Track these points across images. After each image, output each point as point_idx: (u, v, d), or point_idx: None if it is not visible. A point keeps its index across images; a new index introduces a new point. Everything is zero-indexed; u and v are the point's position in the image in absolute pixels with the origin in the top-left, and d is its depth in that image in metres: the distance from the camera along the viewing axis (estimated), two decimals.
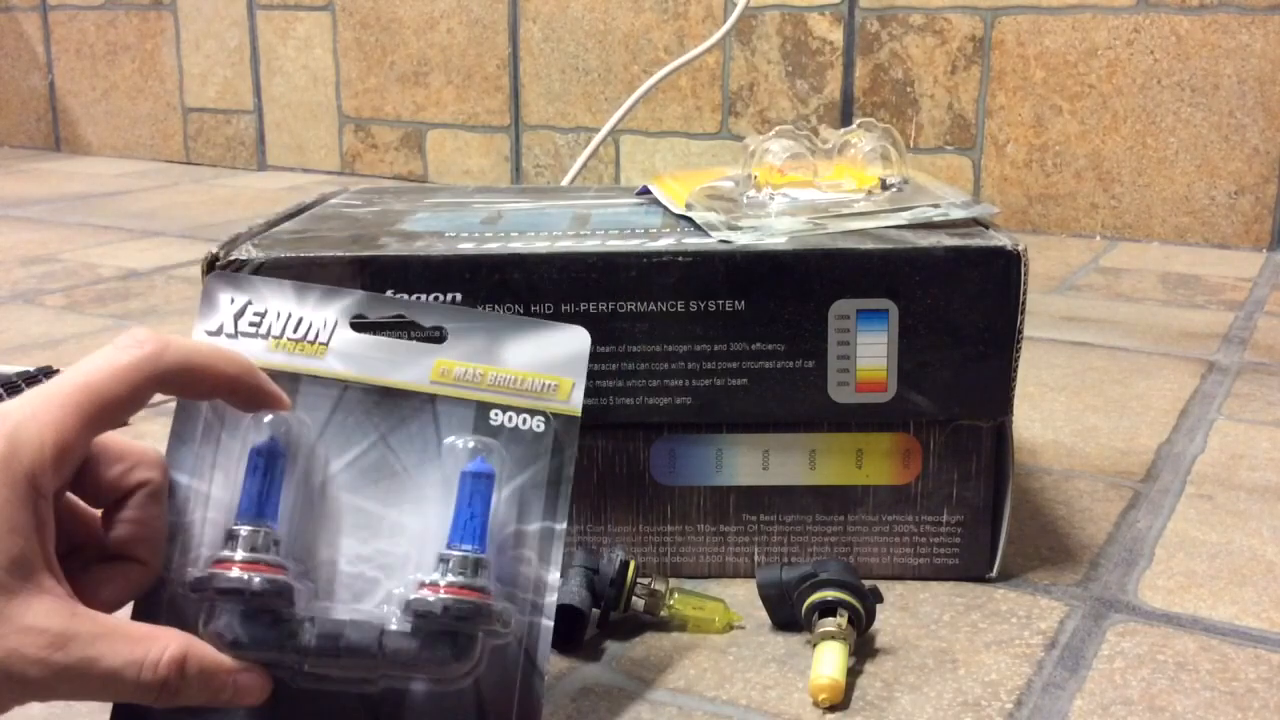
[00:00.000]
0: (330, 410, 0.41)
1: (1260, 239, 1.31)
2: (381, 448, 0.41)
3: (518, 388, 0.42)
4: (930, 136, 1.43)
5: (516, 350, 0.42)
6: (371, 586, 0.40)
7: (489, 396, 0.42)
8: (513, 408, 0.42)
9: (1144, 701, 0.45)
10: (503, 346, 0.42)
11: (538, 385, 0.42)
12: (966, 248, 0.50)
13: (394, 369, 0.42)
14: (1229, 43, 1.27)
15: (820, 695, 0.45)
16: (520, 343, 0.42)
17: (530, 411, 0.42)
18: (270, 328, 0.42)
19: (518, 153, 1.70)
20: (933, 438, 0.53)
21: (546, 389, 0.42)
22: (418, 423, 0.41)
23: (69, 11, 2.05)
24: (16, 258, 1.26)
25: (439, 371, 0.42)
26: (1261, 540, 0.59)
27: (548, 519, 0.41)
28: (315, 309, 0.42)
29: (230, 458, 0.40)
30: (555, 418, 0.42)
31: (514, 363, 0.42)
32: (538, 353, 0.42)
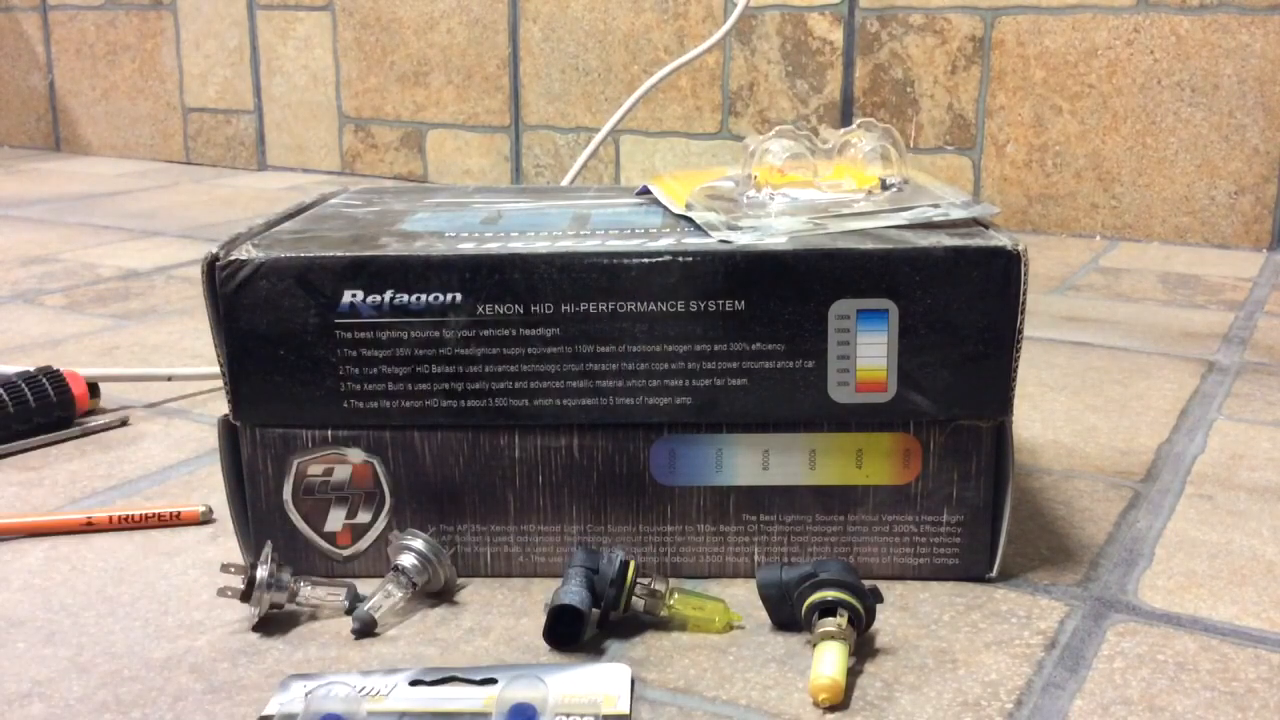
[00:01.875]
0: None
1: (1260, 239, 1.31)
2: None
3: (568, 703, 0.44)
4: (930, 136, 1.43)
5: (563, 681, 0.45)
6: None
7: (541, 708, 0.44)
8: (564, 710, 0.44)
9: (1144, 701, 0.45)
10: (550, 679, 0.45)
11: (586, 700, 0.44)
12: (966, 248, 0.50)
13: (450, 701, 0.44)
14: (1229, 43, 1.27)
15: (820, 695, 0.45)
16: (565, 677, 0.45)
17: (580, 714, 0.43)
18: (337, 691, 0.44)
19: (518, 153, 1.70)
20: (933, 438, 0.53)
21: (594, 701, 0.44)
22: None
23: (69, 11, 2.05)
24: (16, 258, 1.26)
25: (490, 700, 0.45)
26: (1261, 540, 0.59)
27: None
28: (380, 679, 0.46)
29: None
30: (606, 718, 0.43)
31: (562, 689, 0.45)
32: (582, 683, 0.45)
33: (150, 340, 0.94)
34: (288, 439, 0.53)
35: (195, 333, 0.96)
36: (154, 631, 0.50)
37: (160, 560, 0.57)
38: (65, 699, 0.45)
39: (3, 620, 0.51)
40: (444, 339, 0.51)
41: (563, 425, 0.52)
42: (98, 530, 0.60)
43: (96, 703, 0.45)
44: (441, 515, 0.54)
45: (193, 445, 0.72)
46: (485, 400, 0.52)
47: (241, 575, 0.50)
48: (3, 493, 0.65)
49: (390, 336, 0.51)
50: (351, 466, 0.53)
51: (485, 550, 0.54)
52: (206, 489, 0.66)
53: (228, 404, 0.53)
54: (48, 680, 0.46)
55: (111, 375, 0.80)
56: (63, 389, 0.74)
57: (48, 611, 0.52)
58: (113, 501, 0.64)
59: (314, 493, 0.53)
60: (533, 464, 0.53)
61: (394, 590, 0.51)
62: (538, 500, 0.53)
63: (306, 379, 0.52)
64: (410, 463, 0.53)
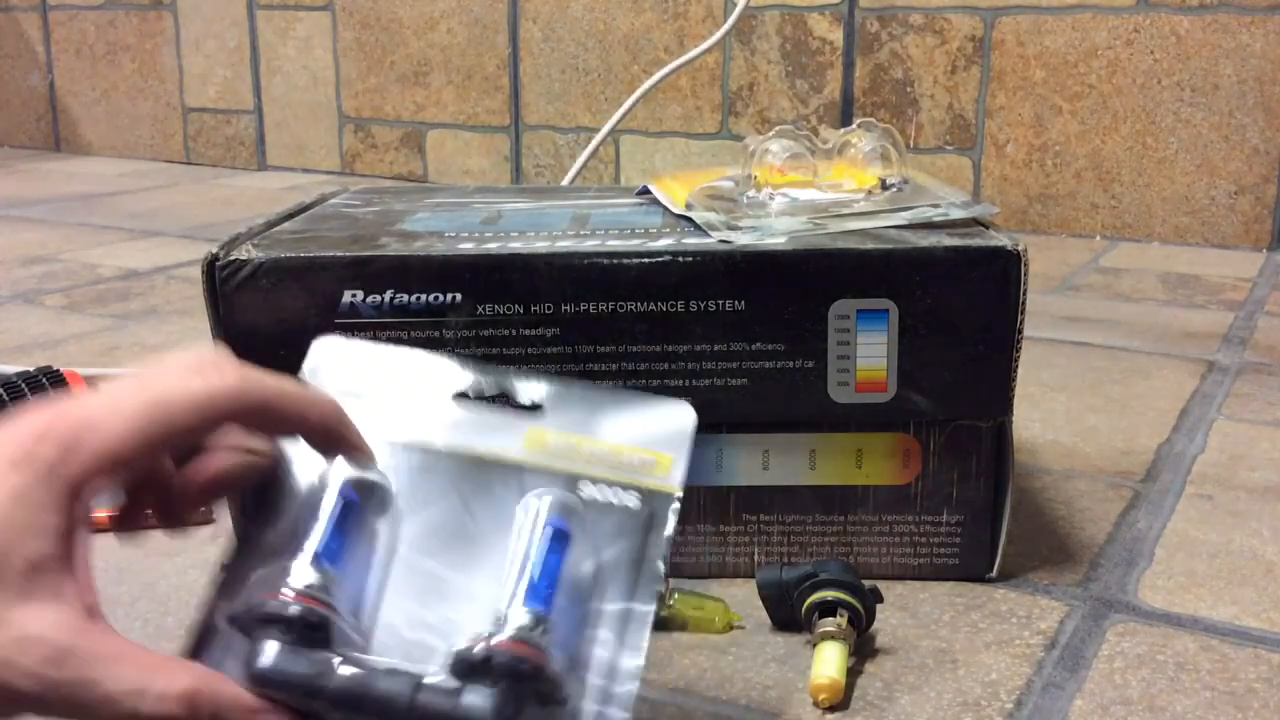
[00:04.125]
0: (414, 470, 0.39)
1: (1260, 239, 1.31)
2: (461, 512, 0.39)
3: (613, 461, 0.39)
4: (930, 136, 1.43)
5: (615, 424, 0.40)
6: (429, 654, 0.36)
7: (581, 469, 0.39)
8: (605, 480, 0.39)
9: (1144, 701, 0.45)
10: (601, 419, 0.40)
11: (635, 460, 0.39)
12: (966, 248, 0.50)
13: (486, 435, 0.40)
14: (1229, 43, 1.27)
15: (820, 695, 0.45)
16: (620, 416, 0.40)
17: (624, 485, 0.39)
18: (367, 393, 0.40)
19: (518, 153, 1.70)
20: (933, 438, 0.53)
21: (644, 464, 0.39)
22: (502, 489, 0.39)
23: (69, 11, 2.05)
24: (16, 258, 1.26)
25: (532, 440, 0.40)
26: (1261, 540, 0.59)
27: (636, 600, 0.37)
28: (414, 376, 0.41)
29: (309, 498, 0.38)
30: (651, 495, 0.39)
31: (611, 437, 0.40)
32: (638, 427, 0.40)
33: (150, 340, 0.94)
34: None
35: (195, 333, 0.96)
36: (154, 631, 0.50)
37: (160, 560, 0.57)
38: None
39: None
40: (444, 339, 0.51)
41: None
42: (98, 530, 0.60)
43: None
44: None
45: None
46: None
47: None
48: None
49: (390, 336, 0.51)
50: None
51: None
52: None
53: None
54: None
55: (111, 375, 0.80)
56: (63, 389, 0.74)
57: None
58: None
59: None
60: None
61: None
62: None
63: None
64: None
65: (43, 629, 0.31)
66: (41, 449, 0.32)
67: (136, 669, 0.32)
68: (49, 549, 0.32)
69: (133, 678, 0.32)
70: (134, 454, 0.33)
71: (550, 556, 0.37)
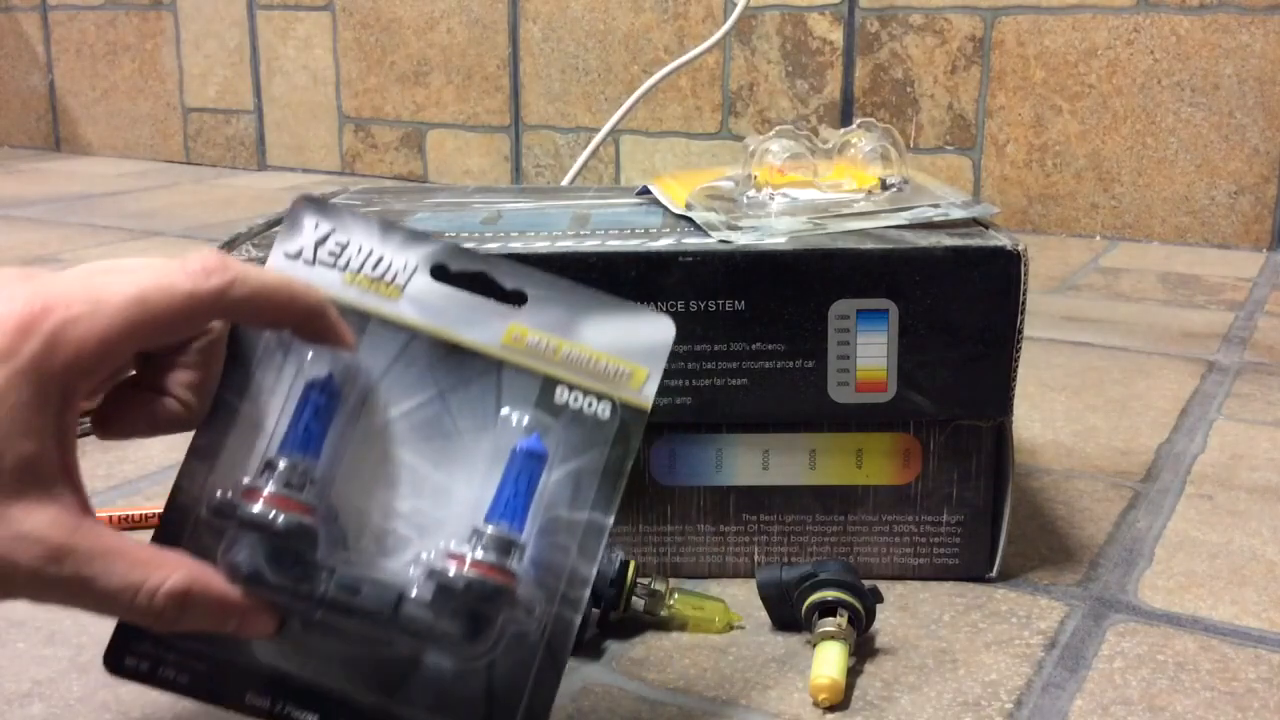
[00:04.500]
0: (393, 357, 0.39)
1: (1260, 239, 1.31)
2: (439, 405, 0.39)
3: (589, 368, 0.40)
4: (930, 136, 1.43)
5: (596, 329, 0.40)
6: (401, 545, 0.38)
7: (557, 372, 0.40)
8: (580, 388, 0.39)
9: (1144, 701, 0.45)
10: (582, 322, 0.40)
11: (610, 370, 0.40)
12: (966, 248, 0.50)
13: (466, 325, 0.40)
14: (1229, 43, 1.27)
15: (820, 695, 0.45)
16: (602, 321, 0.40)
17: (598, 395, 0.39)
18: (349, 261, 0.40)
19: (518, 153, 1.70)
20: (933, 438, 0.53)
21: (619, 375, 0.40)
22: (480, 386, 0.39)
23: (69, 11, 2.05)
24: (16, 258, 1.26)
25: (511, 336, 0.40)
26: (1261, 540, 0.59)
27: (596, 510, 0.39)
28: (398, 250, 0.40)
29: (285, 386, 0.38)
30: (623, 407, 0.39)
31: (591, 341, 0.40)
32: (617, 335, 0.40)
33: None
34: None
35: None
36: None
37: None
38: (65, 699, 0.45)
39: (3, 620, 0.51)
40: None
41: None
42: None
43: (96, 703, 0.45)
44: None
45: None
46: None
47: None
48: None
49: None
50: None
51: None
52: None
53: None
54: (48, 680, 0.46)
55: None
56: None
57: (48, 611, 0.52)
58: (113, 501, 0.64)
59: None
60: None
61: None
62: None
63: None
64: None
65: (39, 527, 0.32)
66: (27, 344, 0.31)
67: (130, 566, 0.33)
68: (41, 448, 0.32)
69: (127, 573, 0.33)
70: (118, 353, 0.33)
71: (524, 478, 0.38)
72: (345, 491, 0.38)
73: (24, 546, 0.31)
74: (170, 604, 0.33)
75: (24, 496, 0.31)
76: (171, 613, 0.34)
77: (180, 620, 0.34)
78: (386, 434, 0.39)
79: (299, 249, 0.40)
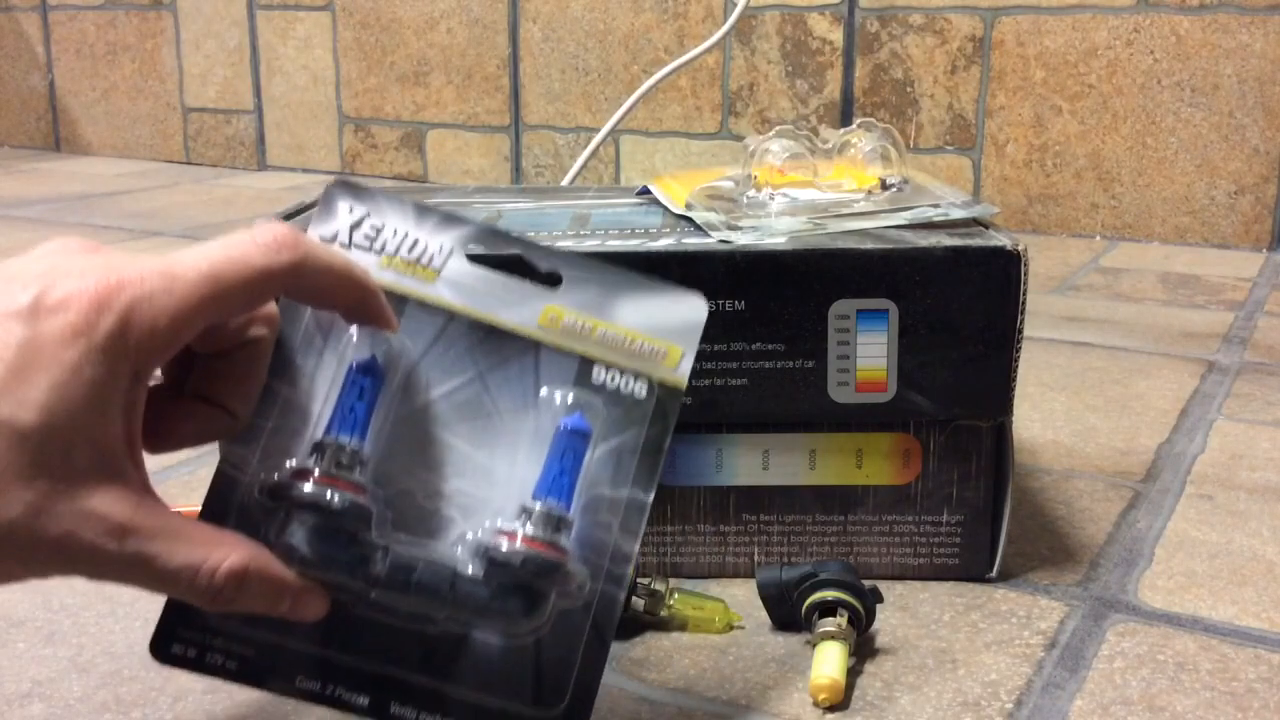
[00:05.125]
0: (432, 339, 0.40)
1: (1260, 239, 1.31)
2: (478, 386, 0.39)
3: (625, 348, 0.40)
4: (930, 136, 1.43)
5: (630, 308, 0.41)
6: (445, 525, 0.39)
7: (594, 352, 0.40)
8: (617, 366, 0.40)
9: (1144, 701, 0.45)
10: (617, 302, 0.40)
11: (646, 349, 0.40)
12: (966, 248, 0.50)
13: (503, 307, 0.40)
14: (1229, 43, 1.27)
15: (820, 695, 0.45)
16: (636, 301, 0.41)
17: (635, 374, 0.40)
18: (385, 244, 0.40)
19: (518, 153, 1.70)
20: (933, 438, 0.53)
21: (654, 354, 0.40)
22: (518, 366, 0.40)
23: (69, 11, 2.05)
24: None
25: (548, 317, 0.40)
26: (1261, 540, 0.59)
27: (637, 488, 0.39)
28: (433, 233, 0.40)
29: (328, 370, 0.39)
30: (659, 385, 0.40)
31: (625, 321, 0.40)
32: (652, 314, 0.41)
33: None
34: None
35: None
36: None
37: None
38: (65, 699, 0.45)
39: (3, 620, 0.51)
40: None
41: None
42: None
43: (96, 703, 0.45)
44: None
45: None
46: None
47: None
48: None
49: None
50: None
51: None
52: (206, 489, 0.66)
53: None
54: (48, 680, 0.46)
55: None
56: None
57: (48, 611, 0.52)
58: None
59: None
60: None
61: None
62: None
63: None
64: None
65: (106, 505, 0.32)
66: (104, 320, 0.31)
67: (191, 546, 0.33)
68: (111, 426, 0.32)
69: (187, 554, 0.33)
70: (192, 328, 0.33)
71: (570, 456, 0.39)
72: (390, 472, 0.39)
73: (90, 523, 0.32)
74: (229, 583, 0.34)
75: (92, 474, 0.32)
76: (229, 592, 0.34)
77: (236, 600, 0.34)
78: (428, 415, 0.39)
79: (334, 232, 0.40)
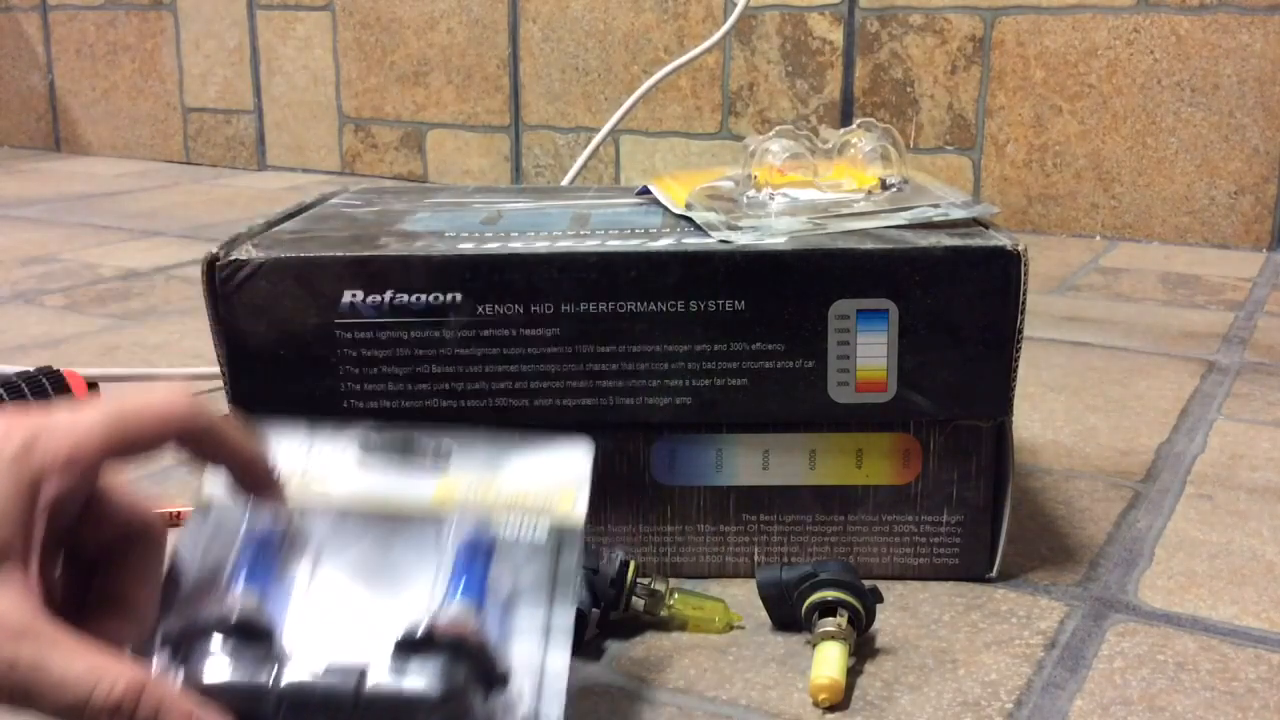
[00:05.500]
0: (332, 522, 0.41)
1: (1260, 239, 1.31)
2: (381, 549, 0.41)
3: (519, 502, 0.42)
4: (930, 136, 1.43)
5: (520, 467, 0.43)
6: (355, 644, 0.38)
7: (490, 511, 0.42)
8: (513, 518, 0.42)
9: (1144, 701, 0.45)
10: (504, 464, 0.43)
11: (540, 500, 0.42)
12: (966, 248, 0.50)
13: (397, 494, 0.42)
14: (1229, 43, 1.27)
15: (820, 695, 0.45)
16: (524, 459, 0.43)
17: (534, 523, 0.42)
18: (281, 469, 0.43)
19: (518, 153, 1.70)
20: (933, 438, 0.53)
21: (548, 501, 0.42)
22: (419, 529, 0.41)
23: (69, 11, 2.05)
24: (16, 258, 1.26)
25: (441, 496, 0.42)
26: (1261, 540, 0.59)
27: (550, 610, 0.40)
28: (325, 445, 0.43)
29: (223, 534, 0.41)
30: (557, 528, 0.41)
31: (517, 481, 0.42)
32: (541, 468, 0.43)
33: (150, 340, 0.94)
34: None
35: (195, 333, 0.96)
36: None
37: None
38: None
39: None
40: (444, 339, 0.51)
41: (563, 425, 0.52)
42: None
43: None
44: None
45: None
46: (485, 400, 0.52)
47: None
48: None
49: (390, 336, 0.51)
50: None
51: None
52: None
53: (227, 404, 0.52)
54: None
55: (111, 375, 0.80)
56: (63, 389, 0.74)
57: None
58: None
59: None
60: None
61: None
62: None
63: (306, 379, 0.52)
64: None
65: (3, 608, 0.32)
66: (8, 445, 0.34)
67: (88, 659, 0.33)
68: (10, 535, 0.33)
69: (84, 666, 0.33)
70: (89, 455, 0.35)
71: (476, 565, 0.39)
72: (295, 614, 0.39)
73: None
74: (127, 698, 0.33)
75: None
76: (126, 709, 0.33)
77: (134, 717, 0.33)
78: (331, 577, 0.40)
79: None
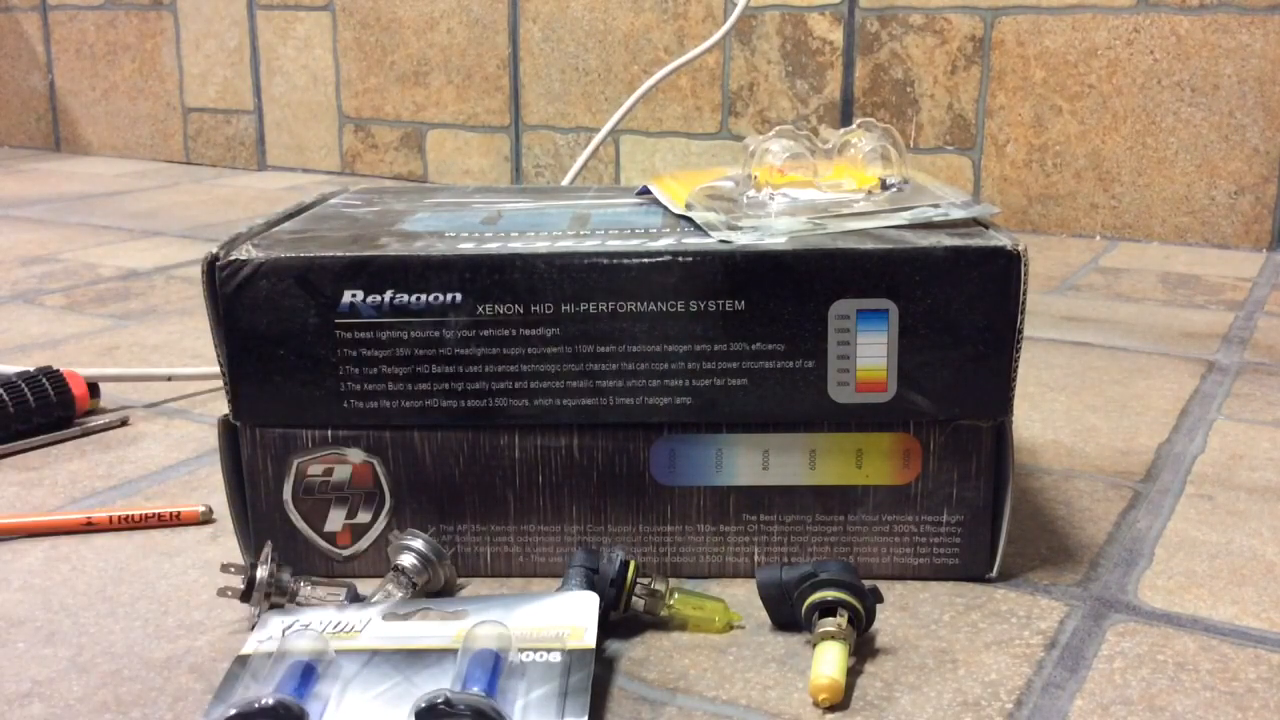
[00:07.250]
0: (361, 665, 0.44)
1: (1260, 239, 1.31)
2: (406, 683, 0.43)
3: (534, 636, 0.45)
4: (930, 136, 1.43)
5: (532, 614, 0.46)
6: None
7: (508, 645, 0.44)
8: (529, 648, 0.44)
9: (1144, 701, 0.45)
10: (516, 611, 0.46)
11: (551, 634, 0.45)
12: (966, 248, 0.50)
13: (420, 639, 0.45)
14: (1229, 43, 1.27)
15: (820, 695, 0.45)
16: (535, 609, 0.46)
17: (547, 649, 0.44)
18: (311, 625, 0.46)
19: (518, 153, 1.70)
20: (933, 438, 0.53)
21: (560, 634, 0.45)
22: (441, 666, 0.44)
23: (69, 11, 2.05)
24: (16, 258, 1.26)
25: (461, 634, 0.45)
26: (1261, 540, 0.59)
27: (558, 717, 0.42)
28: (353, 613, 0.47)
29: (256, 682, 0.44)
30: (570, 652, 0.44)
31: (530, 622, 0.46)
32: (551, 614, 0.46)
33: (150, 340, 0.94)
34: (287, 439, 0.53)
35: (195, 333, 0.96)
36: (154, 631, 0.50)
37: (160, 560, 0.57)
38: (65, 699, 0.45)
39: (3, 620, 0.51)
40: (444, 339, 0.51)
41: (563, 425, 0.52)
42: (98, 530, 0.60)
43: (96, 703, 0.45)
44: (441, 515, 0.54)
45: (193, 445, 0.73)
46: (485, 400, 0.52)
47: (241, 575, 0.50)
48: (3, 493, 0.65)
49: (390, 336, 0.51)
50: (351, 466, 0.53)
51: (485, 550, 0.54)
52: (206, 489, 0.66)
53: (228, 404, 0.53)
54: (48, 680, 0.46)
55: (111, 375, 0.80)
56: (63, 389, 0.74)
57: (48, 611, 0.52)
58: (113, 501, 0.64)
59: (314, 493, 0.54)
60: (532, 464, 0.53)
61: (394, 590, 0.51)
62: (537, 500, 0.53)
63: (306, 379, 0.52)
64: (410, 463, 0.53)
65: None
66: None
67: None
68: None
69: None
70: None
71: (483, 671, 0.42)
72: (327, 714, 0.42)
73: None
74: None
75: None
76: None
77: None
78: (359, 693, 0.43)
79: (269, 636, 0.46)
